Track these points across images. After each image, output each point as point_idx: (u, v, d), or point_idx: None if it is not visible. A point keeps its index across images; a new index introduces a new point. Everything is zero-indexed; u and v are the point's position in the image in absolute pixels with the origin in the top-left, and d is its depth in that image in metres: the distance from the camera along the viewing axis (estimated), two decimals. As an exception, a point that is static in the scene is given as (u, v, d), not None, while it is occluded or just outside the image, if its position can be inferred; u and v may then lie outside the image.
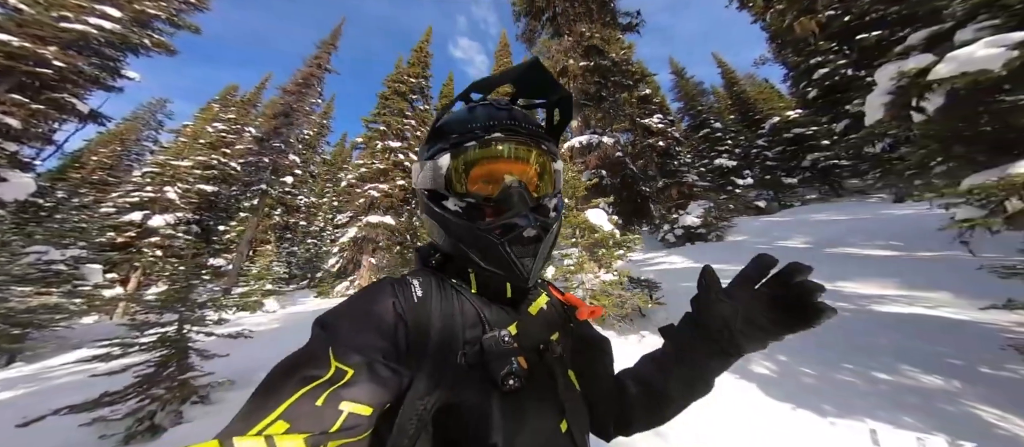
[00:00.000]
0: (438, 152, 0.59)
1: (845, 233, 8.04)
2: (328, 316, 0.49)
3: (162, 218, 14.42)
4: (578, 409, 0.57)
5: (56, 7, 7.63)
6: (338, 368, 0.41)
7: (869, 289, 4.66)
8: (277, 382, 0.40)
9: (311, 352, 0.43)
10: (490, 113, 0.59)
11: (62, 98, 7.46)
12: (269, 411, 0.37)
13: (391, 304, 0.50)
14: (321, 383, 0.39)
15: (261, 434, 0.35)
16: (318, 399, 0.38)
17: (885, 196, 12.63)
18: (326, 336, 0.45)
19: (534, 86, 0.64)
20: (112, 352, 2.84)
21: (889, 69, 3.05)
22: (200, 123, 18.67)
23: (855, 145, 9.98)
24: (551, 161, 0.62)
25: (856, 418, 2.45)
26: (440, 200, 0.59)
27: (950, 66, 2.41)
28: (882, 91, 3.11)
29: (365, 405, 0.40)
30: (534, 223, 0.55)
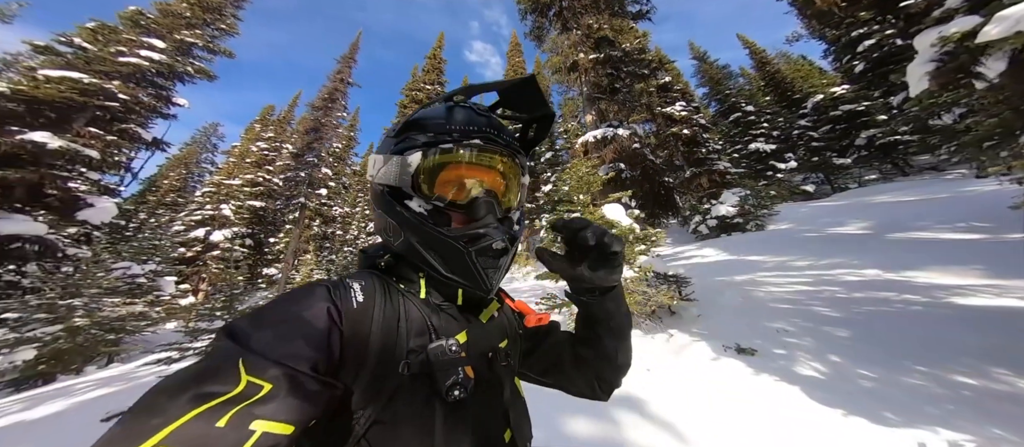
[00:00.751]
0: (409, 148, 0.55)
1: (913, 216, 7.10)
2: (242, 323, 0.41)
3: (221, 233, 16.12)
4: (522, 418, 0.57)
5: (112, 42, 8.83)
6: (250, 382, 0.35)
7: (946, 279, 4.06)
8: (165, 398, 0.33)
9: (213, 365, 0.36)
10: (469, 117, 0.56)
11: (129, 128, 8.62)
12: (147, 436, 0.29)
13: (325, 309, 0.45)
14: (225, 400, 0.33)
15: None
16: (220, 419, 0.32)
17: (965, 171, 11.02)
18: (235, 347, 0.38)
19: (523, 99, 0.63)
20: (172, 356, 3.28)
21: (929, 35, 2.70)
22: (245, 143, 20.60)
23: (918, 118, 8.83)
24: (521, 175, 0.61)
25: (927, 428, 2.10)
26: (402, 198, 0.55)
27: (1001, 26, 2.10)
28: (924, 59, 2.76)
29: (283, 424, 0.34)
30: (503, 236, 0.53)
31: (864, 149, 15.09)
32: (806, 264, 5.85)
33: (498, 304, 0.64)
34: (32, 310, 6.73)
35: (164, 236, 13.26)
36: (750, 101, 18.77)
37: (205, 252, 15.82)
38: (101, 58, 8.39)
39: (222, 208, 16.69)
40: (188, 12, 11.19)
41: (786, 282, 5.21)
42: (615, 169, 6.87)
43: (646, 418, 2.60)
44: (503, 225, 0.55)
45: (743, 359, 3.34)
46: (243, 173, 18.54)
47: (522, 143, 0.66)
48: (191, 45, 10.82)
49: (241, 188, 17.92)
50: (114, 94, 8.07)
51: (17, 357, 6.27)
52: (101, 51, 8.52)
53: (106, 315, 7.67)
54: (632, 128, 7.43)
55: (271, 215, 18.72)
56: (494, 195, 0.56)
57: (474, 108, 0.60)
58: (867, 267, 4.98)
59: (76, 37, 8.55)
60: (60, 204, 6.85)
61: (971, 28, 2.37)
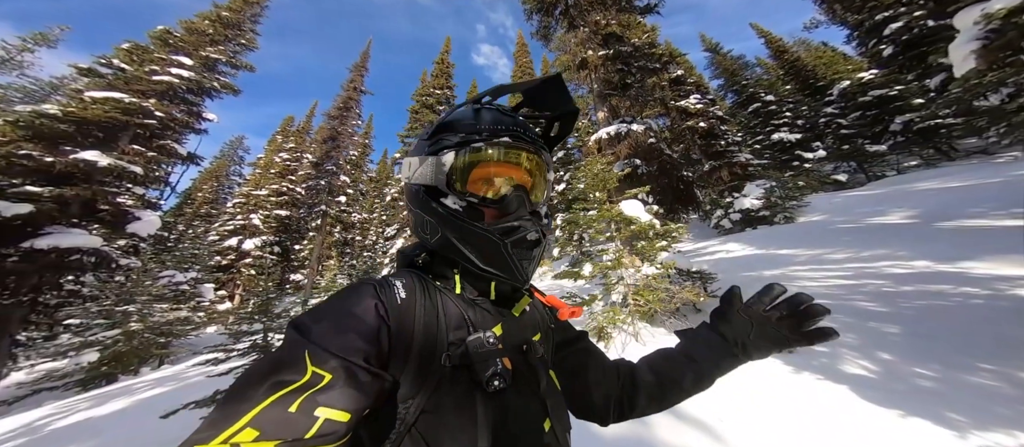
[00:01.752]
0: (442, 148, 0.58)
1: (963, 202, 6.57)
2: (305, 318, 0.46)
3: (251, 242, 16.95)
4: (560, 408, 0.58)
5: (146, 62, 9.45)
6: (314, 373, 0.39)
7: (1008, 269, 3.72)
8: (248, 387, 0.38)
9: (285, 356, 0.41)
10: (496, 117, 0.59)
11: (167, 144, 9.21)
12: (237, 418, 0.35)
13: (373, 306, 0.49)
14: (295, 388, 0.38)
15: (227, 442, 0.33)
16: (292, 405, 0.37)
17: (1019, 153, 10.16)
18: (302, 339, 0.43)
19: (548, 97, 0.65)
20: (218, 357, 3.49)
21: (971, 13, 2.52)
22: (269, 154, 21.58)
23: (960, 100, 8.20)
24: (547, 171, 0.64)
25: (1003, 430, 1.92)
26: (438, 197, 0.58)
27: None
28: (967, 38, 2.58)
29: (342, 411, 0.38)
30: (536, 228, 0.56)
31: (900, 134, 14.16)
32: (844, 257, 5.53)
33: (529, 299, 0.66)
34: (93, 316, 7.32)
35: (202, 246, 14.08)
36: (770, 90, 18.01)
37: (238, 260, 16.67)
38: (137, 77, 9.00)
39: (251, 218, 17.55)
40: (210, 29, 11.85)
41: (822, 276, 4.94)
42: (630, 165, 6.76)
43: (680, 418, 2.53)
44: (534, 219, 0.57)
45: (780, 357, 3.18)
46: (268, 183, 19.43)
47: (546, 141, 0.68)
48: (216, 61, 11.45)
49: (267, 198, 18.78)
50: (151, 112, 8.66)
51: (83, 359, 6.85)
52: (137, 71, 9.15)
53: (156, 320, 8.24)
54: (647, 123, 7.28)
55: (295, 223, 19.51)
56: (524, 190, 0.58)
57: (500, 109, 0.63)
58: (916, 258, 4.64)
59: (115, 59, 9.22)
60: (111, 218, 7.40)
61: (1019, 3, 2.19)
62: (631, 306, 4.51)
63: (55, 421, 4.59)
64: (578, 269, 5.35)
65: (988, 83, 3.96)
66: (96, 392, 6.15)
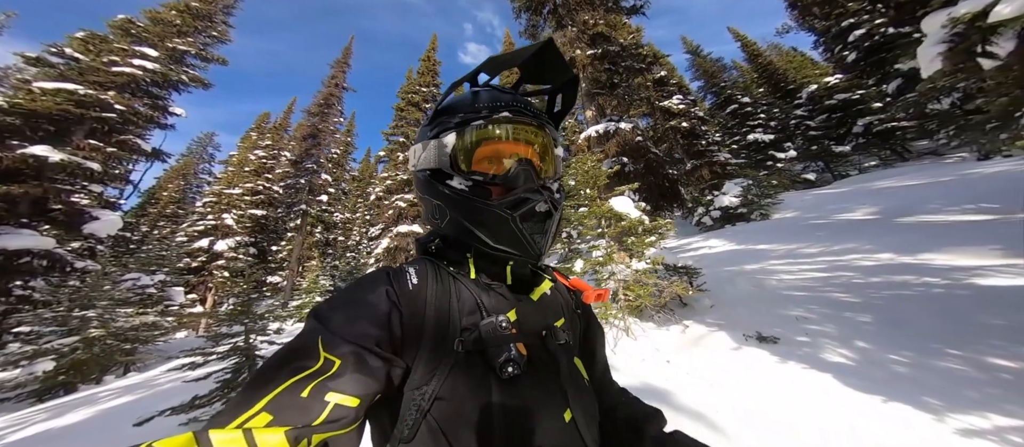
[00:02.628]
0: (443, 131, 0.58)
1: (920, 199, 7.11)
2: (322, 306, 0.48)
3: (224, 243, 16.06)
4: (584, 398, 0.55)
5: (104, 52, 8.75)
6: (326, 359, 0.40)
7: (964, 260, 4.03)
8: (267, 373, 0.40)
9: (301, 344, 0.43)
10: (495, 95, 0.59)
11: (128, 139, 8.56)
12: (254, 402, 0.36)
13: (384, 292, 0.49)
14: (308, 374, 0.39)
15: (241, 427, 0.34)
16: (304, 390, 0.38)
17: (966, 154, 11.12)
18: (317, 327, 0.44)
19: (544, 68, 0.63)
20: (196, 361, 3.29)
21: (938, 17, 2.73)
22: (243, 152, 20.50)
23: (915, 103, 8.91)
24: (553, 145, 0.62)
25: (975, 412, 2.04)
26: (444, 179, 0.58)
27: (1013, 6, 2.12)
28: (934, 41, 2.79)
29: (352, 396, 0.39)
30: (545, 199, 0.55)
31: (862, 136, 15.21)
32: (817, 251, 5.86)
33: (551, 283, 0.64)
34: (45, 323, 6.73)
35: (170, 247, 13.22)
36: (745, 93, 18.88)
37: (210, 262, 15.76)
38: (94, 68, 8.32)
39: (224, 218, 16.62)
40: (178, 20, 11.12)
41: (798, 269, 5.21)
42: (618, 163, 6.90)
43: (675, 409, 2.60)
44: (544, 191, 0.56)
45: (766, 348, 3.34)
46: (243, 182, 18.47)
47: (551, 117, 0.67)
48: (184, 53, 10.75)
49: (242, 197, 17.85)
50: (110, 105, 8.02)
51: (36, 369, 6.29)
52: (94, 61, 8.45)
53: (120, 326, 7.69)
54: (633, 122, 7.46)
55: (273, 223, 18.65)
56: (530, 164, 0.57)
57: (499, 88, 0.63)
58: (881, 251, 4.98)
59: (67, 47, 8.47)
60: (65, 218, 6.80)
61: (981, 8, 2.39)
62: (622, 301, 4.60)
63: (9, 434, 4.20)
64: (569, 266, 5.40)
65: (941, 87, 4.31)
66: (54, 403, 5.67)
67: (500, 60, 0.58)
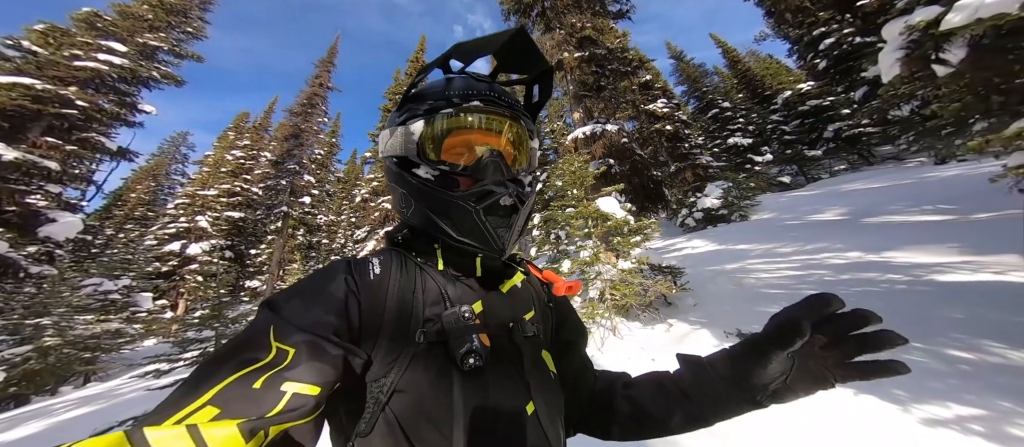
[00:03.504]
0: (411, 118, 0.56)
1: (884, 201, 7.56)
2: (276, 296, 0.46)
3: (198, 246, 15.33)
4: (548, 392, 0.54)
5: (66, 46, 8.25)
6: (279, 349, 0.39)
7: (923, 257, 4.27)
8: (211, 367, 0.37)
9: (251, 335, 0.41)
10: (468, 83, 0.57)
11: (91, 137, 8.06)
12: (197, 396, 0.34)
13: (343, 280, 0.48)
14: (260, 366, 0.37)
15: (182, 422, 0.32)
16: (256, 382, 0.36)
17: (925, 159, 11.87)
18: (269, 317, 0.43)
19: (518, 57, 0.60)
20: (160, 368, 3.10)
21: (896, 25, 2.91)
22: (219, 152, 19.71)
23: (879, 110, 9.50)
24: (528, 137, 0.61)
25: (938, 402, 2.15)
26: (410, 167, 0.56)
27: (962, 15, 2.28)
28: (893, 47, 2.97)
29: (310, 385, 0.38)
30: (511, 192, 0.53)
31: (832, 141, 16.05)
32: (792, 250, 6.12)
33: (523, 275, 0.63)
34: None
35: (137, 251, 12.51)
36: (726, 98, 19.60)
37: (182, 266, 15.02)
38: (54, 62, 7.81)
39: (198, 220, 15.89)
40: (149, 14, 10.61)
41: (775, 268, 5.42)
42: (605, 164, 7.01)
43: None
44: (512, 185, 0.54)
45: (744, 341, 3.43)
46: (219, 183, 17.72)
47: (528, 108, 0.66)
48: (156, 49, 10.27)
49: (217, 198, 17.11)
50: (71, 100, 7.54)
51: None
52: (53, 55, 7.94)
53: (79, 334, 7.22)
54: (619, 124, 7.60)
55: (251, 226, 17.94)
56: (500, 156, 0.55)
57: (473, 75, 0.61)
58: (849, 250, 5.26)
59: (24, 40, 7.93)
60: (20, 220, 6.33)
61: (934, 17, 2.56)
62: (608, 301, 4.65)
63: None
64: (557, 266, 5.43)
65: (902, 94, 4.59)
66: (4, 416, 5.27)
67: (469, 47, 0.56)
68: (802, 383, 0.47)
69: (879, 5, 5.86)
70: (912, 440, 1.99)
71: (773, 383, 0.47)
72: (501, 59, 0.62)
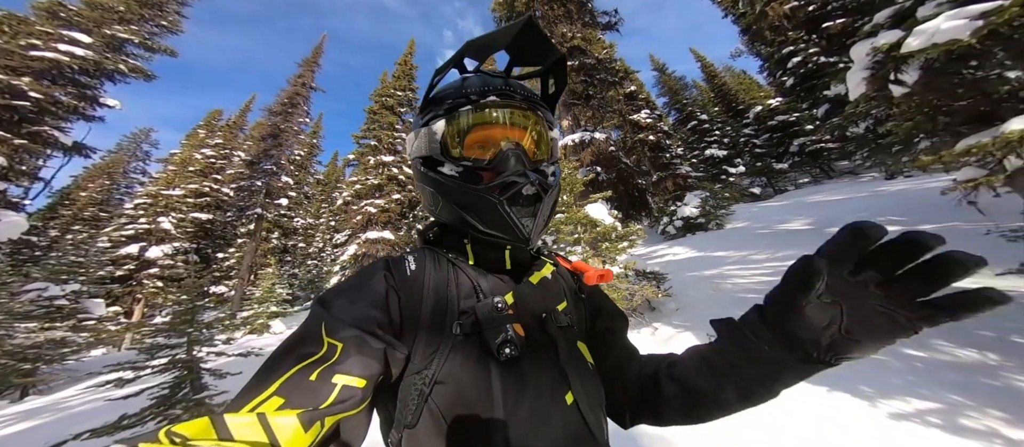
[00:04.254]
0: (433, 119, 0.58)
1: (845, 212, 8.16)
2: (327, 294, 0.50)
3: (159, 249, 14.26)
4: (587, 381, 0.53)
5: (23, 35, 7.61)
6: (330, 344, 0.42)
7: None
8: (276, 361, 0.42)
9: (306, 331, 0.44)
10: (484, 80, 0.59)
11: (43, 131, 7.39)
12: (265, 388, 0.38)
13: (383, 277, 0.51)
14: (314, 360, 0.40)
15: (254, 411, 0.35)
16: (312, 375, 0.39)
17: (876, 174, 12.90)
18: (321, 313, 0.46)
19: (529, 49, 0.62)
20: (124, 377, 2.84)
21: (863, 46, 3.20)
22: (187, 150, 18.58)
23: (838, 127, 10.33)
24: (547, 129, 0.61)
25: (900, 397, 2.32)
26: (435, 166, 0.58)
27: (920, 39, 2.55)
28: (860, 67, 3.25)
29: (358, 377, 0.41)
30: (533, 180, 0.53)
31: (797, 155, 17.20)
32: (764, 257, 6.47)
33: (552, 267, 0.65)
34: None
35: (87, 254, 11.45)
36: (704, 110, 20.63)
37: (140, 270, 13.89)
38: (7, 51, 7.16)
39: (160, 221, 14.81)
40: (121, 6, 9.97)
41: (749, 274, 5.71)
42: (593, 172, 7.17)
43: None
44: (534, 175, 0.55)
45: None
46: (186, 183, 16.65)
47: (545, 99, 0.66)
48: (125, 41, 9.63)
49: (183, 199, 16.06)
50: (23, 91, 6.91)
51: None
52: (7, 43, 7.29)
53: (18, 343, 6.50)
54: (607, 132, 7.82)
55: (220, 228, 16.91)
56: (520, 147, 0.56)
57: (488, 72, 0.63)
58: (816, 257, 5.64)
59: (-26, 26, 7.25)
60: (-50, 219, 5.67)
61: (896, 40, 2.83)
62: (597, 305, 4.72)
63: None
64: (546, 271, 5.45)
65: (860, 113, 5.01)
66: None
67: (480, 43, 0.56)
68: (866, 332, 0.38)
69: (842, 28, 6.47)
70: (880, 434, 2.14)
71: (824, 336, 0.39)
72: (514, 53, 0.63)
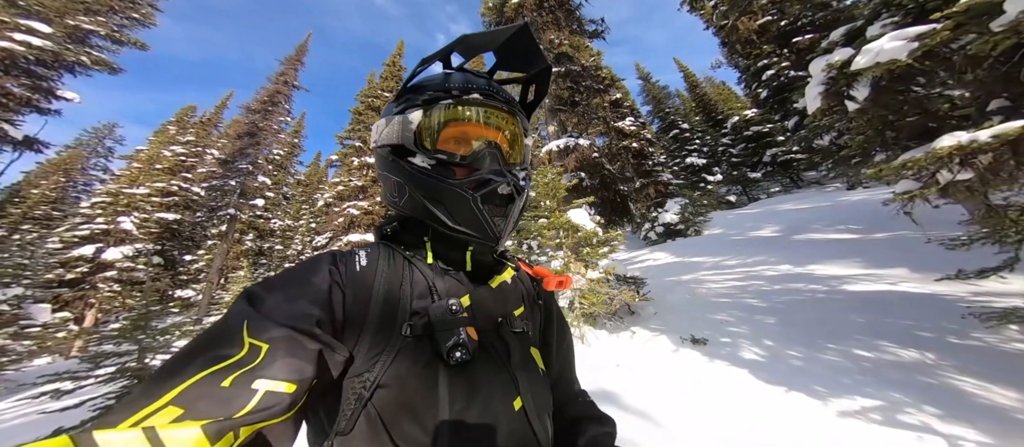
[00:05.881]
0: (409, 107, 0.56)
1: (809, 220, 8.58)
2: (256, 286, 0.44)
3: (118, 250, 13.31)
4: (537, 387, 0.53)
5: None
6: (251, 345, 0.36)
7: (837, 270, 4.95)
8: (177, 364, 0.35)
9: (222, 329, 0.39)
10: (467, 77, 0.58)
11: None
12: (158, 396, 0.32)
13: (328, 272, 0.47)
14: (230, 364, 0.35)
15: (138, 425, 0.29)
16: (224, 380, 0.34)
17: (839, 185, 13.71)
18: (244, 310, 0.40)
19: (518, 53, 0.62)
20: (61, 387, 2.58)
21: (820, 63, 3.41)
22: (155, 147, 17.56)
23: (806, 139, 10.95)
24: (523, 134, 0.62)
25: (848, 396, 2.48)
26: (405, 156, 0.56)
27: (866, 58, 2.74)
28: (816, 82, 3.47)
29: (286, 382, 0.36)
30: (509, 181, 0.53)
31: (769, 165, 18.09)
32: (736, 263, 6.73)
33: (513, 271, 0.63)
34: None
35: (33, 255, 10.53)
36: (685, 119, 21.38)
37: (94, 273, 12.89)
38: None
39: (121, 221, 13.85)
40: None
41: (722, 279, 5.92)
42: (577, 177, 7.27)
43: (623, 410, 2.72)
44: (508, 175, 0.54)
45: (698, 349, 3.69)
46: (152, 181, 15.70)
47: (523, 106, 0.67)
48: (89, 33, 9.04)
49: (148, 198, 15.12)
50: (-34, 79, 6.36)
51: None
52: None
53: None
54: (591, 139, 7.97)
55: (188, 229, 16.00)
56: (497, 148, 0.56)
57: (471, 71, 0.62)
58: (781, 263, 5.93)
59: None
60: None
61: (847, 58, 3.04)
62: (577, 309, 4.75)
63: None
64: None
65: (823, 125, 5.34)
66: None
67: (474, 40, 0.56)
68: None
69: (810, 43, 6.88)
70: (830, 431, 2.26)
71: None
72: (501, 55, 0.63)
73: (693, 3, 7.66)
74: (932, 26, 2.38)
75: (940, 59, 2.58)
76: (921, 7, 2.73)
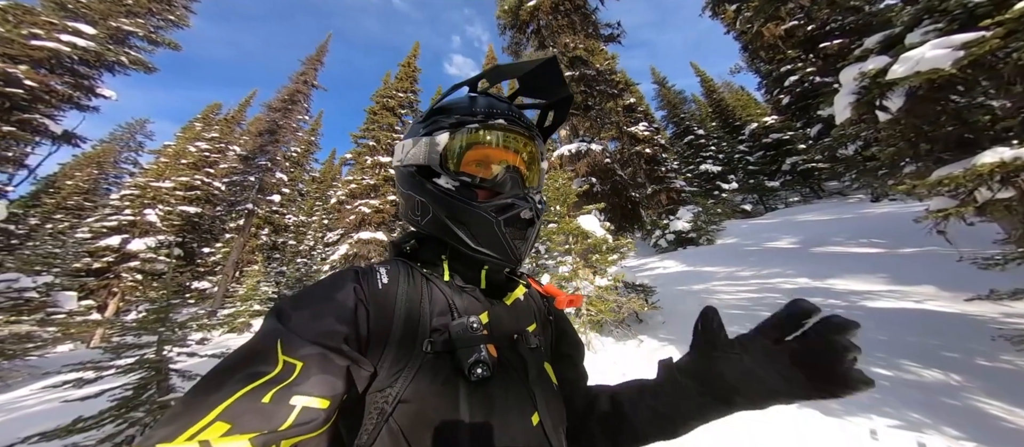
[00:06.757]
0: (437, 129, 0.58)
1: (830, 232, 8.25)
2: (285, 303, 0.46)
3: (142, 241, 13.92)
4: (553, 402, 0.55)
5: (27, 24, 7.52)
6: (286, 362, 0.38)
7: (858, 286, 4.73)
8: (217, 380, 0.36)
9: (258, 346, 0.40)
10: (492, 102, 0.61)
11: (34, 119, 7.25)
12: (207, 411, 0.33)
13: (352, 289, 0.48)
14: (267, 381, 0.36)
15: (194, 438, 0.31)
16: (264, 396, 0.35)
17: (863, 196, 13.13)
18: (277, 329, 0.42)
19: (543, 82, 0.65)
20: (84, 377, 2.70)
21: (852, 71, 3.26)
22: (182, 143, 18.32)
23: (829, 148, 10.54)
24: (540, 159, 0.65)
25: (863, 416, 2.41)
26: (430, 177, 0.58)
27: (905, 67, 2.60)
28: (847, 92, 3.31)
29: (320, 398, 0.37)
30: (531, 206, 0.55)
31: (788, 174, 17.49)
32: (751, 274, 6.50)
33: (525, 288, 0.65)
34: None
35: (65, 244, 11.11)
36: (701, 125, 20.93)
37: (119, 263, 13.52)
38: (8, 39, 7.08)
39: (147, 213, 14.51)
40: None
41: (735, 290, 5.73)
42: (587, 182, 7.19)
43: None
44: (529, 200, 0.56)
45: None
46: (177, 175, 16.38)
47: (541, 130, 0.70)
48: (129, 34, 9.57)
49: (173, 191, 15.77)
50: (18, 79, 6.80)
51: None
52: (9, 32, 7.21)
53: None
54: (603, 144, 7.88)
55: (208, 222, 16.61)
56: (518, 171, 0.59)
57: (496, 95, 0.65)
58: (799, 276, 5.70)
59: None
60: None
61: (883, 66, 2.89)
62: (585, 316, 4.68)
63: None
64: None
65: (849, 135, 5.11)
66: None
67: (503, 70, 0.60)
68: (761, 391, 0.47)
69: (839, 49, 6.61)
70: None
71: (720, 384, 0.50)
72: (526, 83, 0.66)
73: (715, 8, 7.50)
74: (980, 34, 2.24)
75: (985, 68, 2.43)
76: (970, 13, 2.56)
